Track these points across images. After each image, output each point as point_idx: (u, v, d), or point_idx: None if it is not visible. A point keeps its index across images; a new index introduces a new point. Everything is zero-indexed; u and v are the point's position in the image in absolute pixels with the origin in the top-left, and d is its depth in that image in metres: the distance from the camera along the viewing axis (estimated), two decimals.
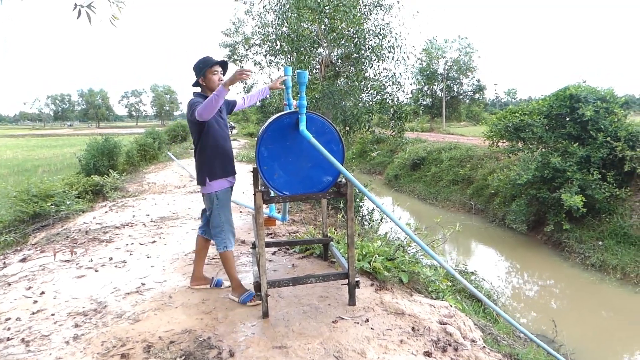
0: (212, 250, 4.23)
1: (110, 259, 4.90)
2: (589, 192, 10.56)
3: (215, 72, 3.45)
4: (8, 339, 3.10)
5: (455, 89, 39.84)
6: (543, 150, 12.23)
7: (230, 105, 3.85)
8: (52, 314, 3.49)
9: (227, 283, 3.83)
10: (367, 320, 3.23)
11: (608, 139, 10.84)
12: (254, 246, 4.27)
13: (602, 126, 11.03)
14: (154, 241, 5.66)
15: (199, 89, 3.54)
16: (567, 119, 11.94)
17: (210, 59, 3.47)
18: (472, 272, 8.68)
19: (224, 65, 3.58)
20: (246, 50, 17.46)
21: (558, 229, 11.22)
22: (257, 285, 3.26)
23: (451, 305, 3.76)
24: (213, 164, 3.44)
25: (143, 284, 4.07)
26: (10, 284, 4.20)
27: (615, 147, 10.72)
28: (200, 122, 3.28)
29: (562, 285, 9.95)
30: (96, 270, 4.53)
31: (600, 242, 10.41)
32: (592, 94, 11.64)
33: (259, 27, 13.02)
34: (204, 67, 3.43)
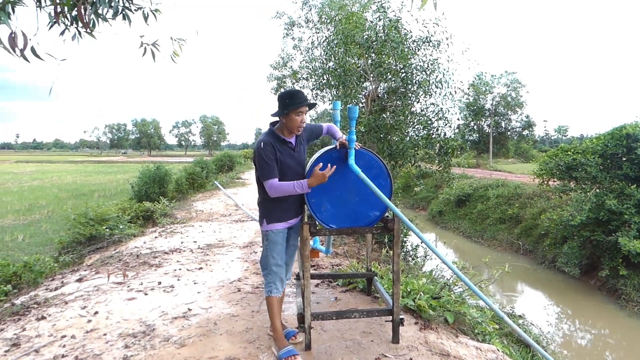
0: (257, 279, 4.25)
1: (159, 283, 5.06)
2: None
3: (300, 113, 3.04)
4: (63, 356, 3.24)
5: (503, 125, 39.17)
6: (597, 190, 11.74)
7: (314, 134, 3.46)
8: (104, 334, 3.63)
9: (300, 337, 3.40)
10: None
11: None
12: (297, 277, 4.30)
13: None
14: (201, 267, 5.80)
15: (276, 119, 3.19)
16: (624, 159, 11.48)
17: (299, 96, 3.04)
18: (519, 316, 8.32)
19: (312, 106, 3.25)
20: (293, 84, 18.00)
21: (614, 275, 10.63)
22: (301, 317, 3.27)
23: (498, 350, 3.63)
24: (271, 208, 3.19)
25: (189, 310, 4.17)
26: (67, 303, 4.42)
27: None
28: None
29: (618, 336, 9.32)
30: (146, 294, 4.69)
31: None
32: None
33: (306, 62, 13.42)
34: (290, 105, 3.00)
